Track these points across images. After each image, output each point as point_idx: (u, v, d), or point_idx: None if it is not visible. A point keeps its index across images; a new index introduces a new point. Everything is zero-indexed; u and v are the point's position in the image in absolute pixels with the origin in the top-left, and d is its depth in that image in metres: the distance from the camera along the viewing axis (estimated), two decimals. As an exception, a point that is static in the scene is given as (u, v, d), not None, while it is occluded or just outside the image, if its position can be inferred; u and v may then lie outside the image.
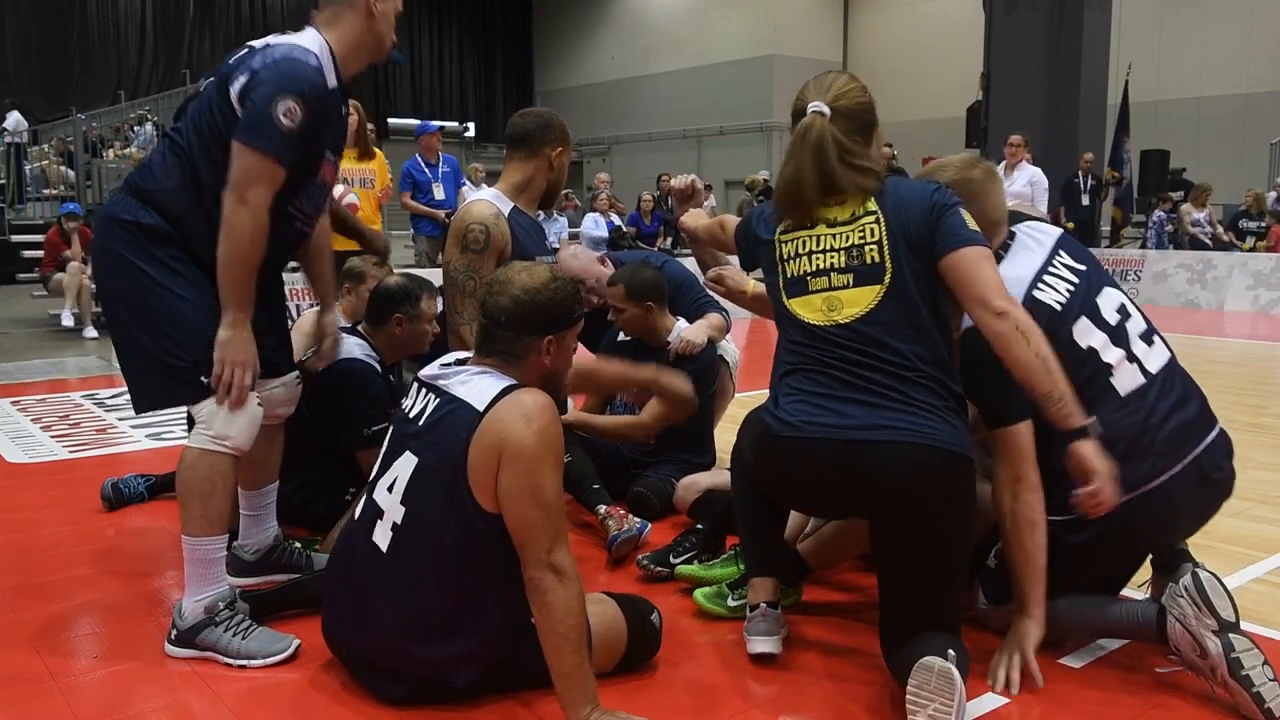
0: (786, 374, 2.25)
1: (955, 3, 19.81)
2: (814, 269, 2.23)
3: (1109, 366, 2.36)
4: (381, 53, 2.57)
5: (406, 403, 2.27)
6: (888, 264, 2.17)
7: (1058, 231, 2.57)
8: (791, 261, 2.27)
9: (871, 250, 2.18)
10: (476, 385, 2.11)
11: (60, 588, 2.91)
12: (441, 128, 8.90)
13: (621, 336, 3.76)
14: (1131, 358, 2.38)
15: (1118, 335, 2.39)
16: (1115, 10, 13.82)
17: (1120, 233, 14.12)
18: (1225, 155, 16.54)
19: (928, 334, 2.16)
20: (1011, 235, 2.51)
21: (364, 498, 2.27)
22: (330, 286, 2.98)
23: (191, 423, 2.47)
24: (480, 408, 2.06)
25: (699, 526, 3.08)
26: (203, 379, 2.37)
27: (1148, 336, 2.44)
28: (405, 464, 2.15)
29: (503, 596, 2.09)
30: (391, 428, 2.30)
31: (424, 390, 2.23)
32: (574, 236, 12.97)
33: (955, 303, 2.25)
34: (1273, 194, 12.82)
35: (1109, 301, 2.44)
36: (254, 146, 2.31)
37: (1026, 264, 2.43)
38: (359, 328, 3.43)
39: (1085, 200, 12.60)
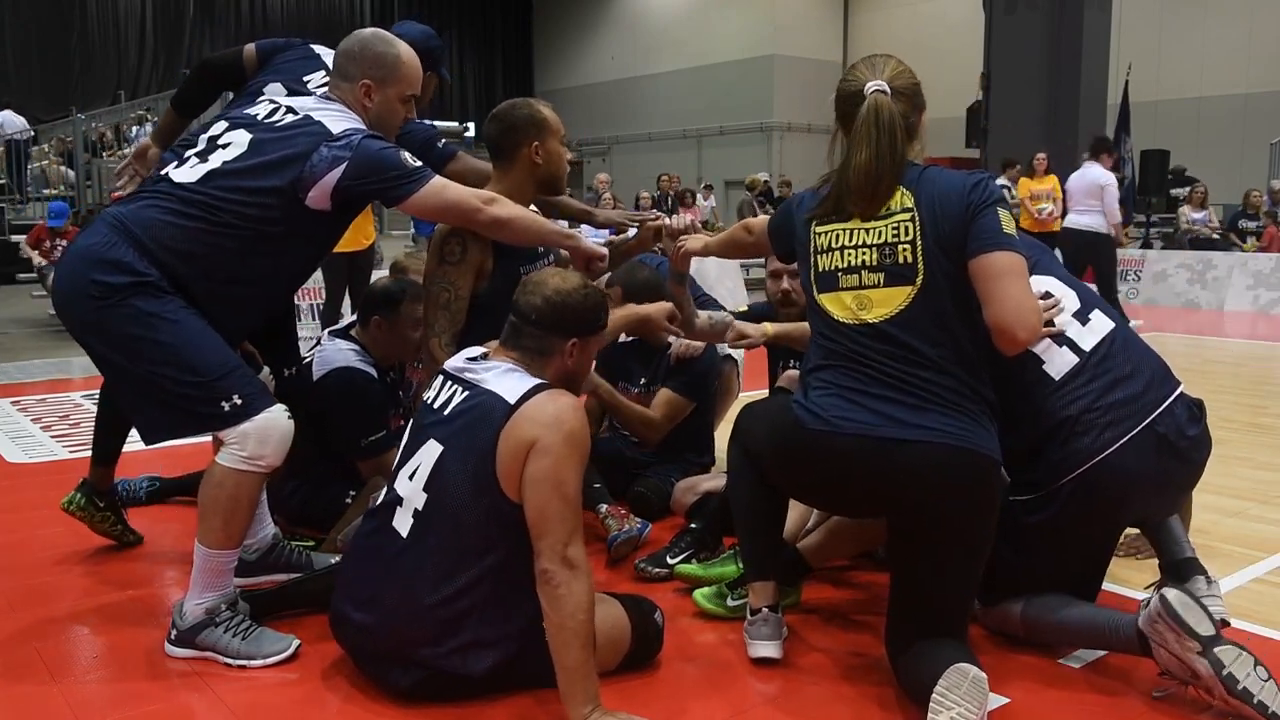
0: (817, 368, 2.23)
1: (955, 3, 19.82)
2: (845, 265, 2.20)
3: (1035, 356, 2.37)
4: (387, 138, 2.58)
5: (429, 394, 2.30)
6: (920, 265, 2.14)
7: None
8: (824, 255, 2.25)
9: (905, 250, 2.15)
10: (507, 380, 2.17)
11: (60, 588, 2.91)
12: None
13: (623, 337, 3.76)
14: (1061, 340, 2.40)
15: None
16: (1115, 10, 13.82)
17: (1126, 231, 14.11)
18: (1225, 155, 16.54)
19: (955, 336, 2.14)
20: None
21: (384, 488, 2.29)
22: None
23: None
24: (512, 400, 2.11)
25: (693, 526, 3.08)
26: (224, 405, 2.31)
27: (1082, 315, 2.44)
28: (429, 452, 2.19)
29: (518, 584, 2.10)
30: (413, 418, 2.32)
31: (449, 381, 2.27)
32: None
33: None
34: (1267, 197, 12.81)
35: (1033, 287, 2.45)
36: (419, 189, 2.43)
37: None
38: (351, 332, 3.42)
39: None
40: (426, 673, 2.14)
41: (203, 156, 2.43)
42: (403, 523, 2.18)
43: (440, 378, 2.32)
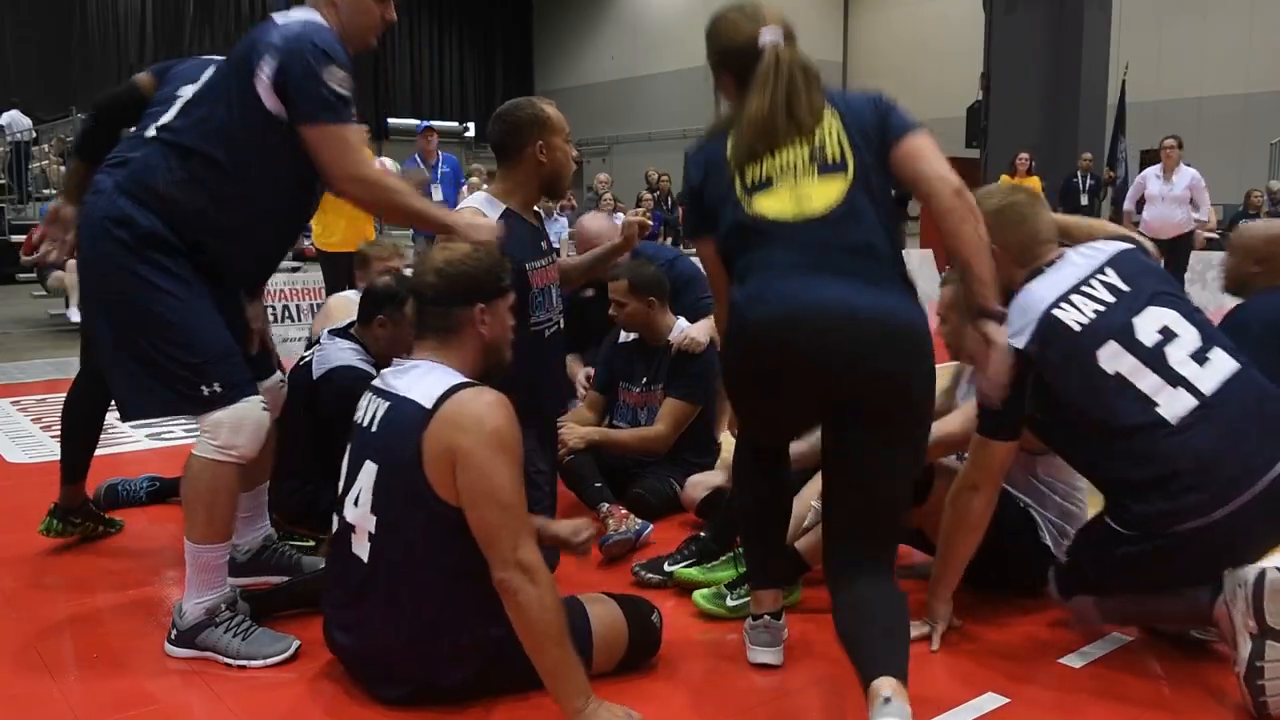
0: (755, 267, 2.14)
1: (955, 3, 19.80)
2: (778, 168, 2.17)
3: (1145, 396, 2.23)
4: (362, 44, 2.51)
5: (358, 414, 2.26)
6: (849, 157, 2.15)
7: (1116, 249, 2.46)
8: (750, 166, 2.20)
9: (833, 146, 2.16)
10: (424, 383, 2.12)
11: (60, 588, 2.91)
12: (429, 127, 8.77)
13: (623, 338, 3.76)
14: (1175, 380, 2.24)
15: (1154, 359, 2.26)
16: (1115, 10, 13.82)
17: None
18: (1225, 155, 16.53)
19: (887, 225, 2.16)
20: (1061, 254, 2.46)
21: (335, 516, 2.26)
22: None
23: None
24: (428, 405, 2.07)
25: (701, 535, 3.06)
26: (204, 389, 2.32)
27: (1200, 355, 2.27)
28: (367, 475, 2.15)
29: (482, 591, 2.08)
30: (350, 443, 2.28)
31: (373, 397, 2.24)
32: (573, 237, 12.96)
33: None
34: (1267, 197, 12.81)
35: (1149, 322, 2.31)
36: (330, 122, 2.29)
37: (1054, 282, 2.39)
38: (351, 330, 3.41)
39: (1084, 200, 12.61)
40: (411, 686, 2.14)
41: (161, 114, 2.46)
42: (361, 549, 2.15)
43: (366, 394, 2.28)
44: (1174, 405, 2.22)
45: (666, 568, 2.93)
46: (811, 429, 2.38)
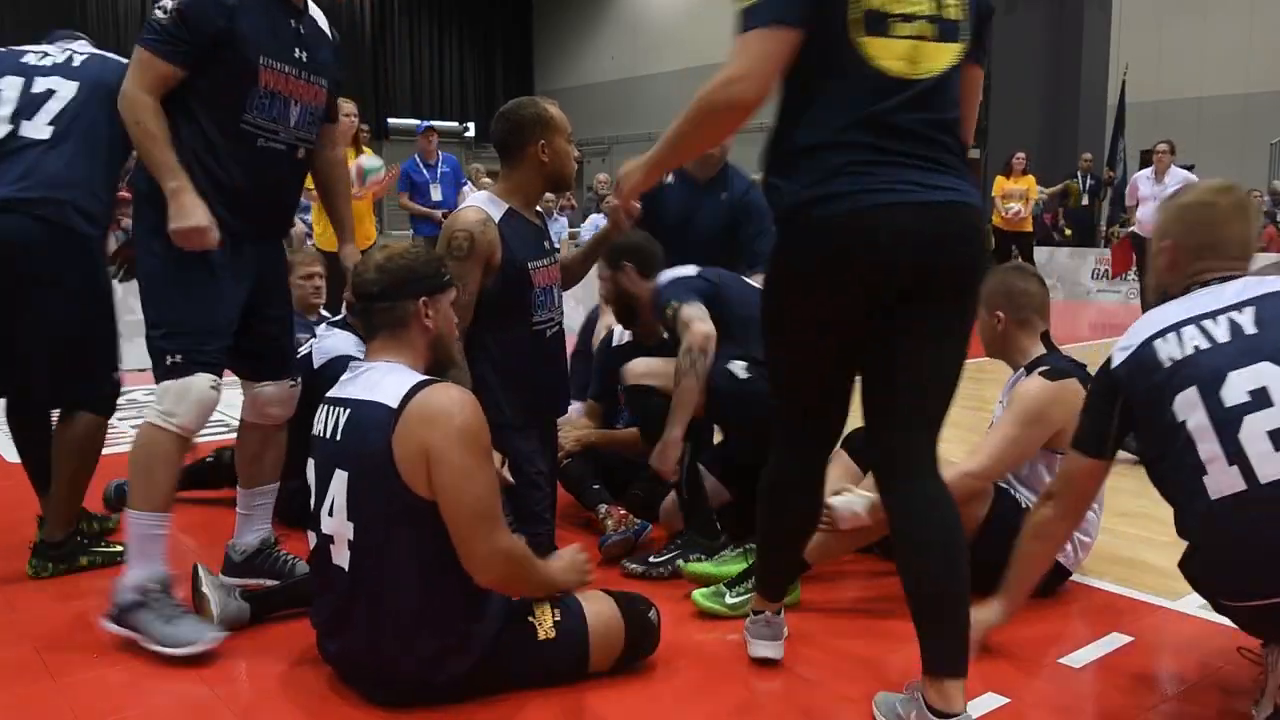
0: (823, 143, 1.92)
1: (955, 3, 19.82)
2: (902, 12, 1.90)
3: (1199, 460, 1.93)
4: None
5: (316, 428, 2.26)
6: (965, 25, 1.97)
7: (1274, 284, 2.07)
8: None
9: (952, 6, 1.95)
10: (384, 384, 2.13)
11: (60, 587, 2.91)
12: (430, 127, 8.76)
13: (617, 340, 3.73)
14: (1234, 456, 1.89)
15: (1226, 424, 1.91)
16: (1115, 10, 13.85)
17: (1111, 231, 14.15)
18: (1225, 155, 16.53)
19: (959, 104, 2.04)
20: (1228, 276, 2.12)
21: (310, 532, 2.26)
22: (350, 221, 3.01)
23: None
24: (394, 404, 2.08)
25: (682, 531, 3.07)
26: (167, 359, 2.42)
27: None
28: (338, 483, 2.15)
29: (463, 587, 2.10)
30: (312, 458, 2.27)
31: (332, 408, 2.23)
32: (573, 237, 12.97)
33: None
34: (1267, 198, 12.83)
35: (1248, 379, 1.92)
36: (139, 41, 2.42)
37: (1172, 312, 2.10)
38: (349, 320, 3.41)
39: (1085, 200, 12.62)
40: (405, 687, 2.14)
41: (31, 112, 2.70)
42: (342, 558, 2.15)
43: (321, 408, 2.28)
44: (1218, 482, 1.92)
45: (651, 560, 2.96)
46: (851, 370, 2.15)
